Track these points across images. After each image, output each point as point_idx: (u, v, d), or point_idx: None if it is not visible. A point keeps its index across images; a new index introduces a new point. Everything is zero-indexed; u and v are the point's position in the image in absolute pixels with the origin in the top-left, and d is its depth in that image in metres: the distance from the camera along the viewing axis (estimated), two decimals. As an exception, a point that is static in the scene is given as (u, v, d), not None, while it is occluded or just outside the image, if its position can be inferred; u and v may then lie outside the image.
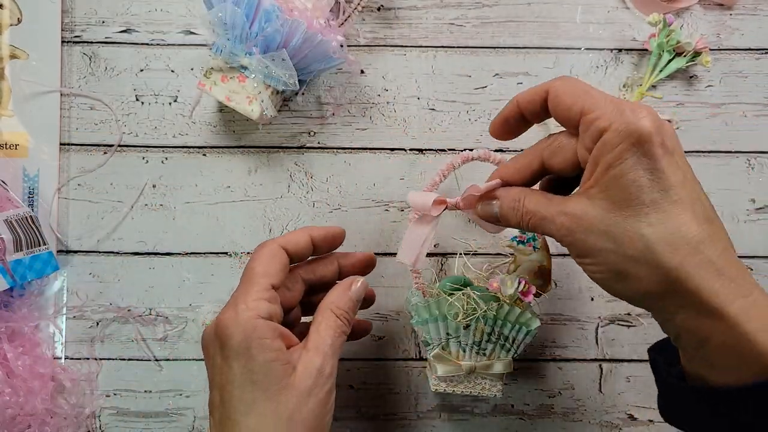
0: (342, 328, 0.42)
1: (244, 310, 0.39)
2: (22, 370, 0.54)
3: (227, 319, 0.39)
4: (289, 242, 0.44)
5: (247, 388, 0.38)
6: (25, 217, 0.54)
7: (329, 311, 0.42)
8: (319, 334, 0.41)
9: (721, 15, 0.60)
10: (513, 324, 0.51)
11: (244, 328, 0.38)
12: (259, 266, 0.42)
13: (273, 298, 0.41)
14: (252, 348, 0.38)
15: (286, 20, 0.50)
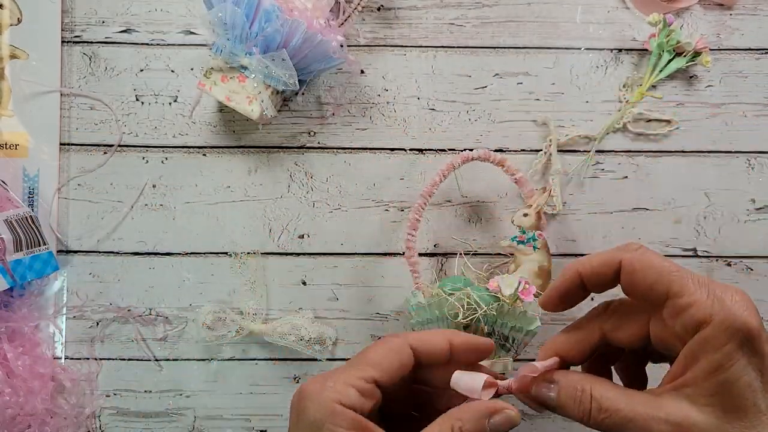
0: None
1: (330, 389, 0.34)
2: (22, 370, 0.54)
3: (310, 391, 0.35)
4: (421, 342, 0.37)
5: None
6: (25, 217, 0.54)
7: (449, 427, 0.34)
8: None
9: (721, 15, 0.60)
10: (513, 324, 0.51)
11: (321, 407, 0.34)
12: (373, 354, 0.36)
13: (368, 392, 0.35)
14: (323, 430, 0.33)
15: (286, 20, 0.50)
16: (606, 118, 0.59)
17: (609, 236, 0.59)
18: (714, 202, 0.60)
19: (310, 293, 0.59)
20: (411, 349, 0.36)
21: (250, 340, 0.58)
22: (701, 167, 0.60)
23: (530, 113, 0.59)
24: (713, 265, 0.60)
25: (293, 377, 0.59)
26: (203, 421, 0.58)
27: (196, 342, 0.58)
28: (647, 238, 0.59)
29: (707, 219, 0.60)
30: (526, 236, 0.53)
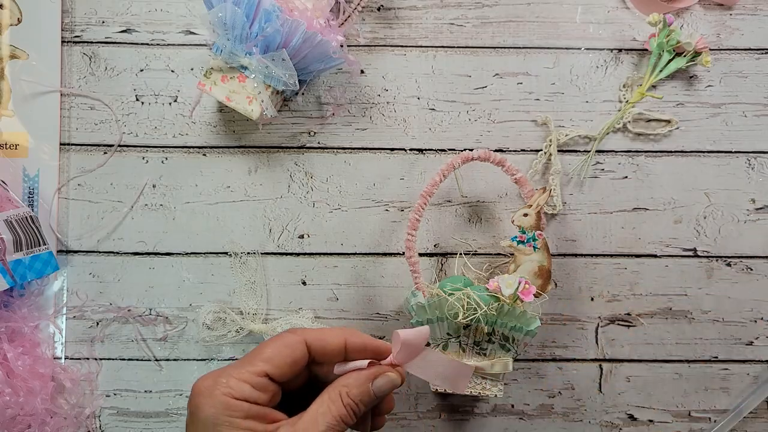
0: (345, 418, 0.38)
1: (223, 384, 0.37)
2: (22, 370, 0.54)
3: (204, 388, 0.37)
4: (318, 340, 0.39)
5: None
6: (25, 217, 0.54)
7: (338, 395, 0.38)
8: (315, 417, 0.37)
9: (721, 15, 0.60)
10: (513, 324, 0.51)
11: (216, 402, 0.36)
12: (267, 351, 0.38)
13: (261, 386, 0.37)
14: (220, 425, 0.36)
15: (286, 20, 0.50)
16: (606, 118, 0.59)
17: (609, 236, 0.59)
18: (714, 202, 0.60)
19: (310, 293, 0.59)
20: (306, 346, 0.39)
21: (249, 340, 0.58)
22: (701, 167, 0.60)
23: (530, 113, 0.59)
24: (713, 265, 0.60)
25: (293, 377, 0.59)
26: None
27: (196, 342, 0.58)
28: (647, 238, 0.59)
29: (707, 219, 0.60)
30: (526, 236, 0.53)
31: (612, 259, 0.59)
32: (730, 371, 0.60)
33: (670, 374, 0.60)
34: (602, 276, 0.59)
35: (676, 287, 0.60)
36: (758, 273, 0.60)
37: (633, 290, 0.59)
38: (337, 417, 0.37)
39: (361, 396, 0.38)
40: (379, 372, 0.39)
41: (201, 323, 0.58)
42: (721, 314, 0.60)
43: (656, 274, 0.59)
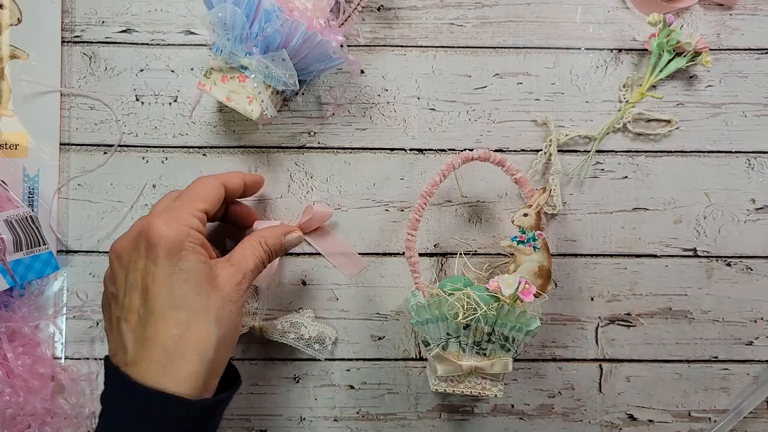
0: (263, 260, 0.48)
1: (179, 218, 0.43)
2: (22, 370, 0.54)
3: (160, 223, 0.43)
4: (228, 181, 0.49)
5: (177, 285, 0.42)
6: (25, 217, 0.54)
7: (258, 242, 0.48)
8: (243, 256, 0.47)
9: (721, 15, 0.60)
10: (513, 324, 0.51)
11: (177, 231, 0.42)
12: (201, 191, 0.47)
13: (203, 221, 0.46)
14: (184, 250, 0.42)
15: (286, 20, 0.50)
16: (606, 118, 0.59)
17: (609, 236, 0.59)
18: (714, 202, 0.60)
19: (310, 293, 0.59)
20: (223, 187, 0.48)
21: (249, 339, 0.58)
22: (701, 167, 0.60)
23: (530, 113, 0.59)
24: (713, 265, 0.60)
25: (293, 377, 0.59)
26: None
27: (196, 342, 0.58)
28: (647, 238, 0.59)
29: (707, 219, 0.60)
30: (526, 236, 0.53)
31: (612, 259, 0.59)
32: (730, 371, 0.60)
33: (670, 374, 0.60)
34: (602, 276, 0.59)
35: (676, 287, 0.60)
36: (758, 273, 0.60)
37: (633, 290, 0.59)
38: (259, 258, 0.47)
39: (275, 246, 0.49)
40: (290, 229, 0.52)
41: None
42: (721, 314, 0.60)
43: (656, 274, 0.59)
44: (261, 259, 0.48)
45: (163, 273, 0.42)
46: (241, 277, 0.45)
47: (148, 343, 0.41)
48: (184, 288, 0.42)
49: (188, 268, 0.42)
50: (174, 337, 0.41)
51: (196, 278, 0.42)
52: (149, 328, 0.41)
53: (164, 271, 0.42)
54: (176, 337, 0.41)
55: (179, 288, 0.42)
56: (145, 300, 0.42)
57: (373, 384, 0.59)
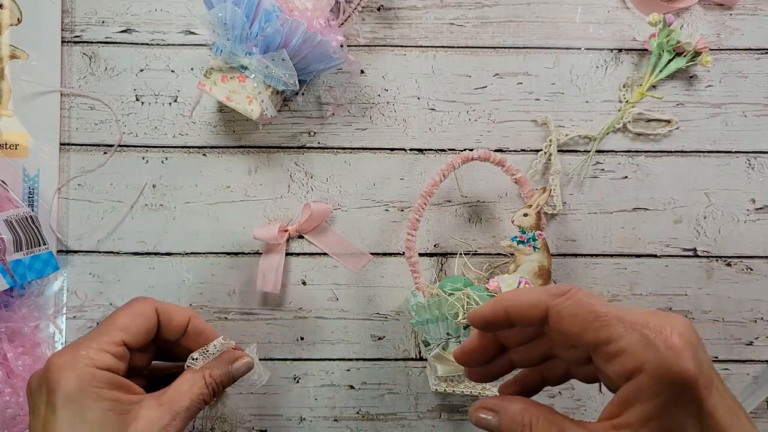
0: (205, 396, 0.41)
1: (83, 357, 0.37)
2: (22, 370, 0.54)
3: (63, 362, 0.36)
4: (165, 312, 0.42)
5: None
6: (25, 217, 0.54)
7: (201, 377, 0.41)
8: (179, 393, 0.40)
9: (721, 15, 0.60)
10: (513, 324, 0.51)
11: (80, 374, 0.36)
12: (122, 318, 0.40)
13: (120, 355, 0.39)
14: (86, 397, 0.36)
15: (286, 20, 0.50)
16: (606, 118, 0.59)
17: (609, 236, 0.59)
18: (714, 202, 0.60)
19: (310, 293, 0.59)
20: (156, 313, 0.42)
21: (248, 339, 0.58)
22: (701, 167, 0.60)
23: (530, 113, 0.59)
24: (713, 265, 0.60)
25: (293, 377, 0.59)
26: (203, 420, 0.58)
27: (196, 342, 0.58)
28: (647, 238, 0.59)
29: (707, 219, 0.60)
30: (526, 236, 0.53)
31: (612, 259, 0.59)
32: (730, 371, 0.60)
33: (670, 374, 0.60)
34: (602, 276, 0.59)
35: (676, 287, 0.60)
36: (758, 273, 0.60)
37: (633, 290, 0.59)
38: (199, 394, 0.40)
39: (221, 377, 0.42)
40: (236, 356, 0.44)
41: None
42: (721, 314, 0.60)
43: (656, 274, 0.59)
44: (201, 396, 0.40)
45: (62, 425, 0.35)
46: (169, 419, 0.38)
47: None
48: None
49: (91, 419, 0.35)
50: None
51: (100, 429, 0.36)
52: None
53: (63, 423, 0.35)
54: None
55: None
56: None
57: (373, 384, 0.59)
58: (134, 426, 0.37)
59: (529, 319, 0.32)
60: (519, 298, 0.33)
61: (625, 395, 0.29)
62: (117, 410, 0.37)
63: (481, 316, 0.34)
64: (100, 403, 0.36)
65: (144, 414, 0.37)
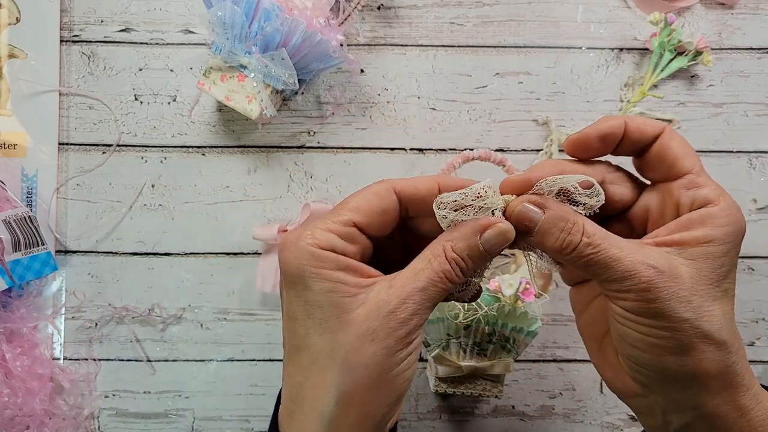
0: (447, 274, 0.32)
1: (308, 236, 0.33)
2: (20, 370, 0.54)
3: (289, 241, 0.33)
4: (407, 186, 0.35)
5: (301, 319, 0.33)
6: (24, 217, 0.54)
7: (441, 248, 0.33)
8: (414, 272, 0.33)
9: (722, 14, 0.60)
10: (513, 325, 0.51)
11: (298, 254, 0.32)
12: (354, 200, 0.34)
13: (349, 236, 0.33)
14: (307, 277, 0.32)
15: (285, 19, 0.50)
16: (607, 117, 0.59)
17: (610, 236, 0.59)
18: (715, 202, 0.59)
19: (309, 294, 0.59)
20: (395, 194, 0.35)
21: (247, 340, 0.58)
22: (703, 167, 0.59)
23: (531, 113, 0.59)
24: (715, 266, 0.59)
25: (293, 378, 0.58)
26: (202, 422, 0.58)
27: (195, 342, 0.58)
28: (648, 239, 0.59)
29: (709, 219, 0.59)
30: (527, 236, 0.53)
31: (613, 260, 0.59)
32: (731, 372, 0.59)
33: (672, 375, 0.59)
34: (603, 276, 0.59)
35: (678, 287, 0.59)
36: (760, 273, 0.59)
37: (634, 291, 0.59)
38: (439, 272, 0.32)
39: (469, 250, 0.33)
40: (488, 223, 0.33)
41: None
42: (722, 315, 0.59)
43: (657, 275, 0.59)
44: (444, 273, 0.32)
45: (288, 306, 0.34)
46: (397, 302, 0.32)
47: (284, 386, 0.35)
48: (307, 325, 0.33)
49: (312, 300, 0.32)
50: (296, 385, 0.34)
51: (321, 313, 0.32)
52: (285, 370, 0.35)
53: (289, 304, 0.34)
54: (298, 386, 0.33)
55: (302, 325, 0.33)
56: (284, 335, 0.35)
57: (373, 385, 0.59)
58: (360, 310, 0.32)
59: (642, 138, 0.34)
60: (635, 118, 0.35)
61: (688, 218, 0.32)
62: (340, 292, 0.32)
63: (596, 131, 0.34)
64: (320, 284, 0.32)
65: (372, 297, 0.32)
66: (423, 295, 0.32)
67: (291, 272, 0.33)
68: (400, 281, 0.32)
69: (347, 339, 0.32)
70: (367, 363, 0.32)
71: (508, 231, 0.33)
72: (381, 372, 0.32)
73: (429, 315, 0.33)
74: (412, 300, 0.32)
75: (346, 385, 0.32)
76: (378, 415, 0.33)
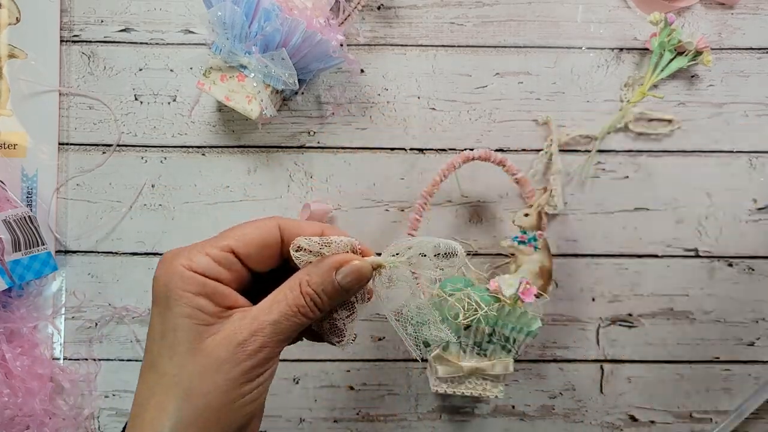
0: (301, 308, 0.34)
1: (183, 256, 0.33)
2: (20, 370, 0.54)
3: (164, 259, 0.34)
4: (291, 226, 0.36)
5: (157, 340, 0.33)
6: (24, 217, 0.54)
7: (297, 282, 0.34)
8: (270, 303, 0.34)
9: (722, 14, 0.60)
10: (513, 325, 0.51)
11: (170, 272, 0.33)
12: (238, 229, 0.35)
13: (224, 262, 0.34)
14: (170, 298, 0.33)
15: (285, 19, 0.50)
16: (607, 117, 0.59)
17: (610, 236, 0.59)
18: (715, 202, 0.59)
19: (309, 294, 0.59)
20: (280, 231, 0.36)
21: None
22: (703, 167, 0.59)
23: (531, 113, 0.59)
24: (715, 266, 0.59)
25: (293, 378, 0.58)
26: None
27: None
28: (648, 238, 0.59)
29: (709, 219, 0.59)
30: (527, 236, 0.53)
31: (613, 260, 0.59)
32: (731, 372, 0.59)
33: (672, 375, 0.59)
34: (603, 276, 0.59)
35: (678, 287, 0.59)
36: (760, 273, 0.59)
37: (634, 290, 0.59)
38: (293, 306, 0.34)
39: (324, 285, 0.34)
40: (344, 260, 0.35)
41: None
42: (722, 315, 0.59)
43: (658, 275, 0.59)
44: (297, 307, 0.34)
45: (150, 324, 0.34)
46: (247, 334, 0.33)
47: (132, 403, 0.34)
48: (160, 347, 0.33)
49: (170, 322, 0.33)
50: (140, 404, 0.33)
51: (174, 337, 0.33)
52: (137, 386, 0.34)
53: (151, 322, 0.34)
54: (140, 405, 0.33)
55: (156, 347, 0.33)
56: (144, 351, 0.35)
57: (373, 385, 0.59)
58: (211, 339, 0.33)
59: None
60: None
61: None
62: (197, 318, 0.33)
63: None
64: (180, 307, 0.33)
65: (227, 327, 0.33)
66: (274, 328, 0.33)
67: (158, 289, 0.33)
68: (254, 313, 0.33)
69: (193, 367, 0.32)
70: (208, 392, 0.32)
71: (363, 268, 0.35)
72: (222, 403, 0.32)
73: (281, 349, 0.34)
74: (262, 333, 0.33)
75: (184, 411, 0.32)
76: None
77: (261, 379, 0.34)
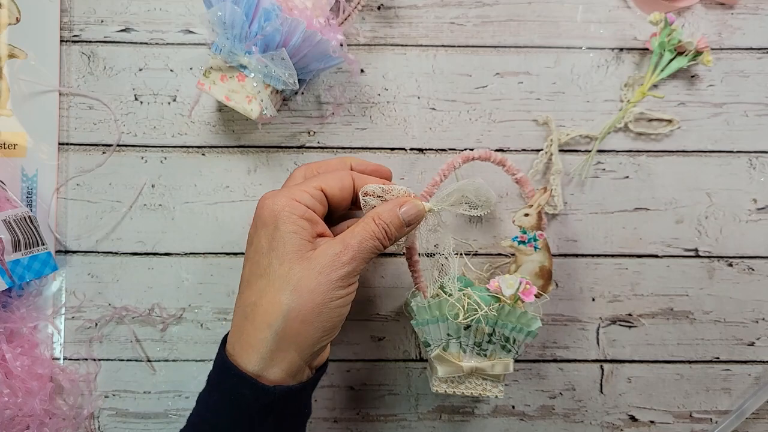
0: (377, 234, 0.44)
1: (287, 192, 0.43)
2: (20, 370, 0.54)
3: (271, 194, 0.43)
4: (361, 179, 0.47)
5: (265, 252, 0.42)
6: (24, 217, 0.54)
7: (370, 218, 0.45)
8: (351, 232, 0.44)
9: (722, 14, 0.60)
10: (514, 325, 0.51)
11: (277, 202, 0.42)
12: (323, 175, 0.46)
13: (317, 198, 0.44)
14: (279, 220, 0.42)
15: (285, 19, 0.50)
16: (607, 117, 0.59)
17: (610, 236, 0.59)
18: (715, 202, 0.59)
19: (309, 294, 0.59)
20: (352, 179, 0.46)
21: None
22: (703, 167, 0.59)
23: (531, 113, 0.59)
24: (715, 266, 0.59)
25: (293, 378, 0.58)
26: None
27: (195, 343, 0.58)
28: (648, 238, 0.59)
29: (709, 219, 0.59)
30: (527, 236, 0.53)
31: (613, 260, 0.59)
32: (731, 372, 0.59)
33: (672, 375, 0.59)
34: (603, 276, 0.59)
35: (678, 288, 0.59)
36: (760, 273, 0.59)
37: (634, 290, 0.59)
38: (371, 233, 0.44)
39: (390, 219, 0.45)
40: (405, 200, 0.46)
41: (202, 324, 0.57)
42: (722, 315, 0.59)
43: (657, 275, 0.59)
44: (373, 234, 0.44)
45: (259, 242, 0.43)
46: (341, 248, 0.42)
47: (236, 310, 0.44)
48: (270, 257, 0.42)
49: (279, 238, 0.42)
50: (251, 304, 0.42)
51: (284, 248, 0.42)
52: (240, 297, 0.44)
53: (260, 241, 0.43)
54: (252, 305, 0.42)
55: (266, 257, 0.42)
56: (245, 270, 0.44)
57: (374, 385, 0.59)
58: (313, 251, 0.42)
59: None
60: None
61: None
62: (301, 234, 0.42)
63: None
64: (289, 225, 0.42)
65: (323, 245, 0.43)
66: (359, 246, 0.43)
67: (266, 216, 0.43)
68: (343, 236, 0.44)
69: (300, 269, 0.42)
70: (314, 289, 0.41)
71: (419, 206, 0.47)
72: (323, 300, 0.41)
73: (363, 267, 0.44)
74: (351, 248, 0.43)
75: (295, 303, 0.41)
76: (314, 336, 0.42)
77: (351, 288, 0.43)
